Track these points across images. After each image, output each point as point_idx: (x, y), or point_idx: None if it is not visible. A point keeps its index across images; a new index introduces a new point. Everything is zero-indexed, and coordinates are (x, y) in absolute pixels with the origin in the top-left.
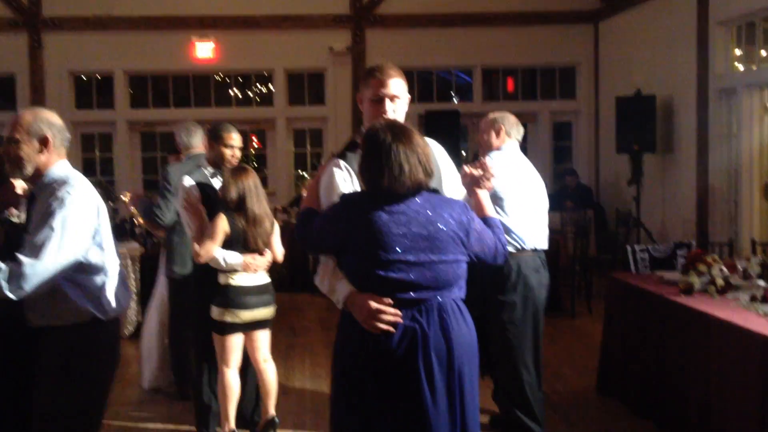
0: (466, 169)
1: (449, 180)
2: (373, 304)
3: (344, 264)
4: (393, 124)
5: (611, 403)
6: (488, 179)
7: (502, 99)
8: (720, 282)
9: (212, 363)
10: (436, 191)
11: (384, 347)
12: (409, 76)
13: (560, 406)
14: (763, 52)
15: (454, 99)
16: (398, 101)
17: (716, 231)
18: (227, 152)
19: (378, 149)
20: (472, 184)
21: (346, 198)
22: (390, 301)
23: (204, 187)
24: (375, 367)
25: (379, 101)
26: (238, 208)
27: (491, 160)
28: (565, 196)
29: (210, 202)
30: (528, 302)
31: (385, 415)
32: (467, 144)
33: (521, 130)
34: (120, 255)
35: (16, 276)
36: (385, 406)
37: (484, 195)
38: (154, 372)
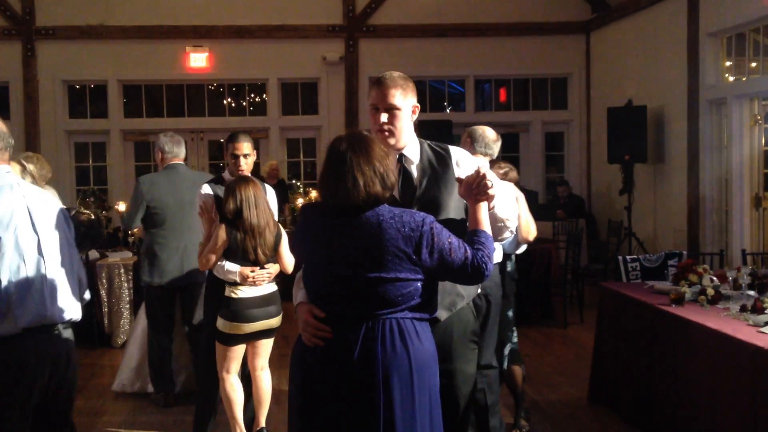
0: (462, 177)
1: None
2: (306, 316)
3: (303, 273)
4: (353, 135)
5: (603, 412)
6: (485, 190)
7: (494, 109)
8: (710, 292)
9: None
10: (396, 203)
11: (312, 359)
12: None
13: (552, 415)
14: (753, 64)
15: (446, 109)
16: (396, 112)
17: (707, 241)
18: (232, 161)
19: (334, 160)
20: (468, 194)
21: (304, 208)
22: (321, 314)
23: (220, 198)
24: (305, 376)
25: (374, 110)
26: (235, 218)
27: (486, 169)
28: (557, 206)
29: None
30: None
31: (316, 419)
32: None
33: (491, 145)
34: (72, 266)
35: None
36: (315, 413)
37: (481, 207)
38: (128, 375)
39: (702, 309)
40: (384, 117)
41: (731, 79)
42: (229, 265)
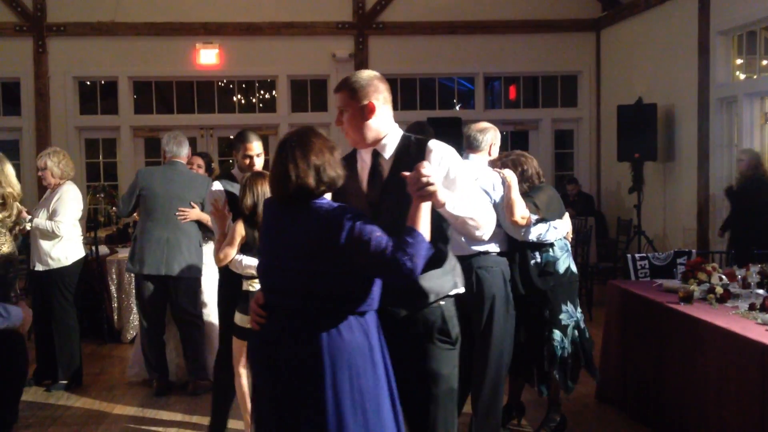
0: (406, 173)
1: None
2: (252, 302)
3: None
4: (299, 129)
5: (610, 410)
6: (423, 187)
7: (504, 106)
8: (719, 290)
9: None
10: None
11: (251, 342)
12: (412, 83)
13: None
14: (764, 62)
15: (456, 106)
16: (346, 113)
17: (716, 239)
18: (245, 161)
19: (277, 152)
20: (411, 191)
21: (264, 201)
22: (261, 301)
23: (232, 194)
24: (249, 358)
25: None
26: (252, 214)
27: (429, 166)
28: (566, 204)
29: (236, 207)
30: None
31: (257, 400)
32: None
33: (476, 136)
34: None
35: None
36: (256, 394)
37: (421, 205)
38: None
39: (711, 307)
40: (339, 117)
41: (742, 77)
42: (248, 260)
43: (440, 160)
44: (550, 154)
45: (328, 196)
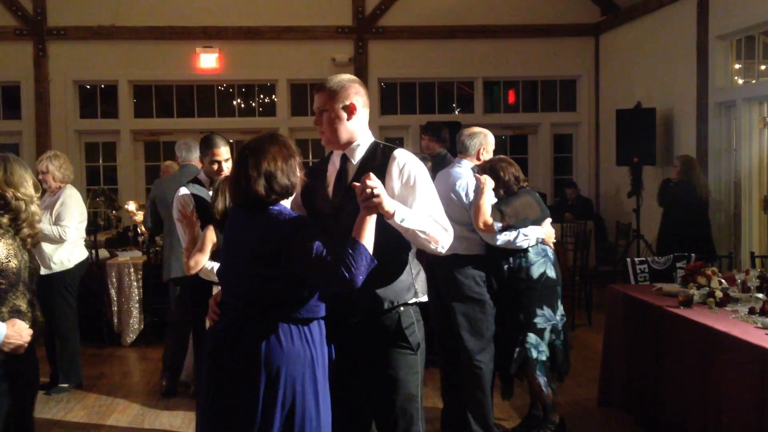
0: (356, 183)
1: (400, 198)
2: (211, 300)
3: None
4: (260, 135)
5: (612, 414)
6: (368, 198)
7: (503, 111)
8: (719, 294)
9: None
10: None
11: (205, 339)
12: (411, 87)
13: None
14: (762, 66)
15: (455, 110)
16: (324, 113)
17: (716, 244)
18: (213, 167)
19: (235, 158)
20: (359, 201)
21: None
22: (218, 299)
23: (200, 198)
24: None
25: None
26: (224, 219)
27: (374, 178)
28: (565, 208)
29: (205, 213)
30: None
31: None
32: None
33: (465, 142)
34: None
35: None
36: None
37: (367, 218)
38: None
39: (710, 311)
40: (318, 118)
41: (740, 81)
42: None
43: (401, 168)
44: (549, 158)
45: (286, 202)
